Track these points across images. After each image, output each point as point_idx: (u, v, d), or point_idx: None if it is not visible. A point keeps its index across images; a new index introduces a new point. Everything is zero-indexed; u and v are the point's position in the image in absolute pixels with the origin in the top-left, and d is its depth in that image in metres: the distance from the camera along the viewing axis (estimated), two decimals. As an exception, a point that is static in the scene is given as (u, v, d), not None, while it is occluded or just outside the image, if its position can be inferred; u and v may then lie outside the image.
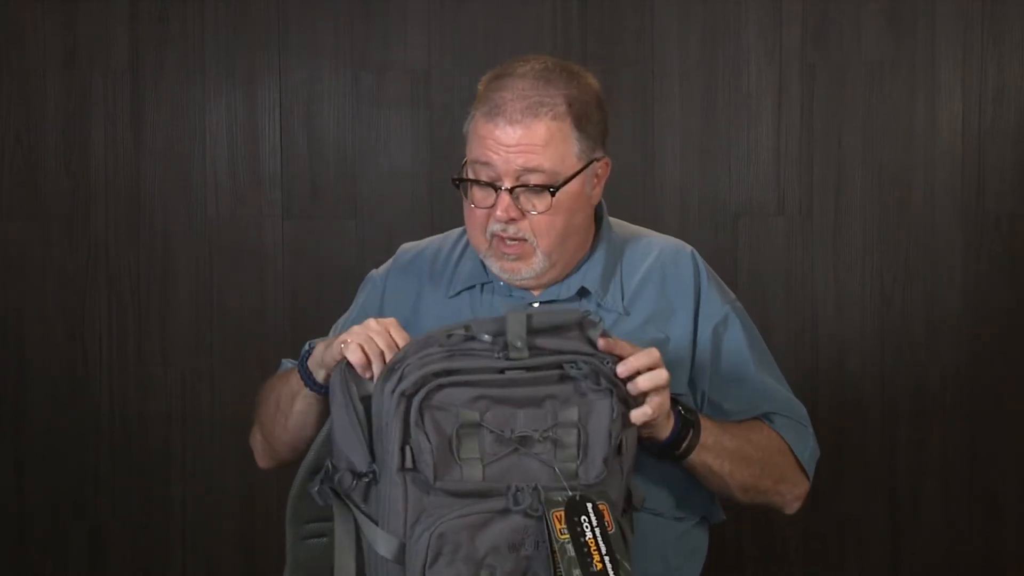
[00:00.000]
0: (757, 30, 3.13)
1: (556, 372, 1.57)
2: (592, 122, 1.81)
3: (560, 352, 1.58)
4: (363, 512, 1.60)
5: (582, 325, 1.63)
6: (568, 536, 1.49)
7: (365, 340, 1.62)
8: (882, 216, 3.15)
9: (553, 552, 1.49)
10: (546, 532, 1.50)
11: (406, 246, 2.02)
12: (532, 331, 1.57)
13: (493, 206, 1.78)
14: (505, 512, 1.51)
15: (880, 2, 3.12)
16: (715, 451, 1.78)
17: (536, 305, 1.86)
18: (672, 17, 3.14)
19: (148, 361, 3.19)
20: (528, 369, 1.56)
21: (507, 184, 1.77)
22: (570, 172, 1.79)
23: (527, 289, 1.88)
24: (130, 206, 3.17)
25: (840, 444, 3.13)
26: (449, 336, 1.57)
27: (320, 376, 1.74)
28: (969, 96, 3.13)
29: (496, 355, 1.55)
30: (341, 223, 3.17)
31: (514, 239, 1.80)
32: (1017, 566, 3.18)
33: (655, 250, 1.93)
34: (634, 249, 1.93)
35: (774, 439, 1.85)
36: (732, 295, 1.96)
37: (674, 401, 1.76)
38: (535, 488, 1.51)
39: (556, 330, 1.60)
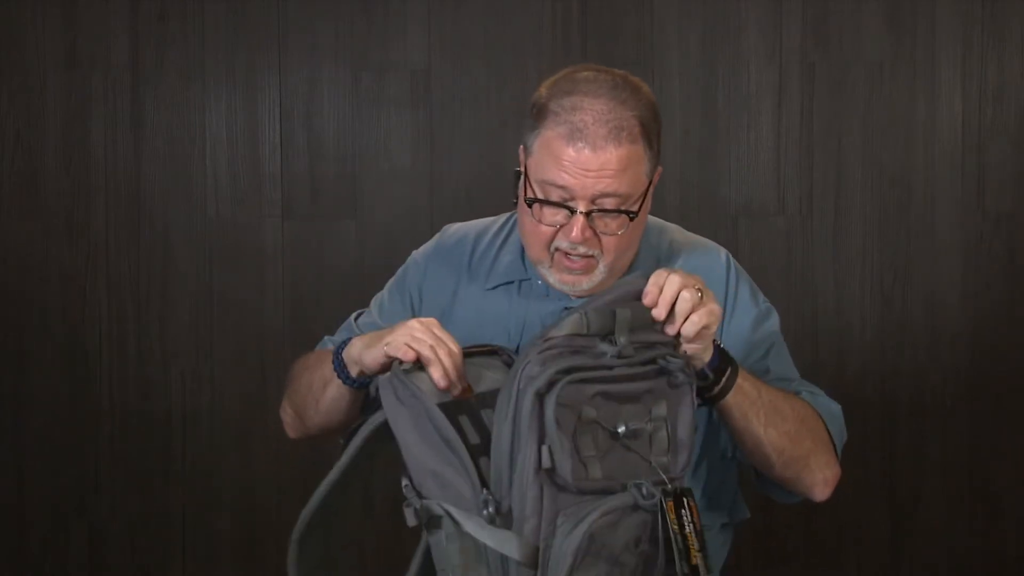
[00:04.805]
0: (757, 30, 3.13)
1: (654, 367, 1.58)
2: (657, 138, 1.81)
3: (652, 345, 1.59)
4: (472, 522, 1.55)
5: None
6: (677, 527, 1.51)
7: (411, 340, 1.62)
8: (882, 216, 3.15)
9: (667, 542, 1.51)
10: (661, 522, 1.52)
11: (451, 228, 2.01)
12: (630, 328, 1.58)
13: (564, 225, 1.77)
14: (634, 508, 1.52)
15: (880, 2, 3.12)
16: (751, 397, 1.75)
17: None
18: (672, 17, 3.13)
19: (148, 361, 3.19)
20: (630, 364, 1.57)
21: (583, 208, 1.75)
22: (640, 191, 1.78)
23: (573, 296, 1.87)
24: (130, 206, 3.17)
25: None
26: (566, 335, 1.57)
27: (354, 371, 1.74)
28: (969, 96, 3.13)
29: (609, 354, 1.56)
30: (341, 223, 3.17)
31: (583, 256, 1.79)
32: (1017, 566, 3.18)
33: (687, 253, 1.92)
34: (668, 251, 1.92)
35: (808, 408, 1.84)
36: (762, 296, 1.95)
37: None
38: (654, 483, 1.53)
39: (644, 324, 1.61)
